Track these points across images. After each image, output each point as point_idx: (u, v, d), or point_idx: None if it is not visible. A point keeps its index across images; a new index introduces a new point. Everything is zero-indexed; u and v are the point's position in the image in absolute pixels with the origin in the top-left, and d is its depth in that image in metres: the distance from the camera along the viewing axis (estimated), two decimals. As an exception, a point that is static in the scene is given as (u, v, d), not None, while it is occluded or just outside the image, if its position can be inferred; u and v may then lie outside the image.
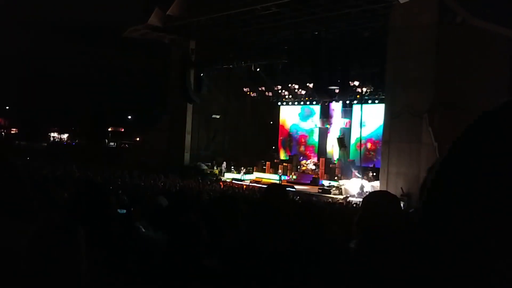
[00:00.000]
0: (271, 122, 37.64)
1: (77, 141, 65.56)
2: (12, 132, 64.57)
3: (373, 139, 29.95)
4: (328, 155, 31.70)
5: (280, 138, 37.26)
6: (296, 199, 17.57)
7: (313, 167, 31.21)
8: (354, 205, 17.96)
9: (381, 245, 2.03)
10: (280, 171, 30.95)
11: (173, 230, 2.77)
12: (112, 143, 65.36)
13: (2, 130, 65.03)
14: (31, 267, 1.63)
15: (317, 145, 34.35)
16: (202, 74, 33.03)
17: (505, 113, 0.61)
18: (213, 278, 2.62)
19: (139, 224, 3.79)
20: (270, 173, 31.51)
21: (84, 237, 1.76)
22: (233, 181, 29.29)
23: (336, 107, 31.71)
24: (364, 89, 29.11)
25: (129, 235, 3.28)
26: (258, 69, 31.04)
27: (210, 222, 4.11)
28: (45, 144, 54.68)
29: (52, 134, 69.76)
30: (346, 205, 18.85)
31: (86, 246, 2.47)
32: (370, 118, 29.40)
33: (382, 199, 2.42)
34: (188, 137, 33.81)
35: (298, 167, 31.81)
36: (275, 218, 2.66)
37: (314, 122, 34.21)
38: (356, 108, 30.43)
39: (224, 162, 32.40)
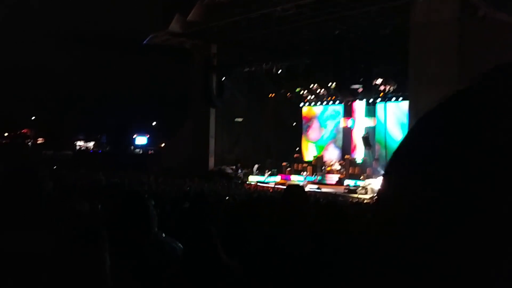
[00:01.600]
0: (294, 124, 37.48)
1: (105, 148, 66.47)
2: (39, 142, 65.77)
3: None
4: (353, 155, 31.46)
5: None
6: (320, 200, 17.46)
7: (338, 167, 30.99)
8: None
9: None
10: (304, 172, 30.81)
11: (189, 239, 2.78)
12: (138, 150, 66.05)
13: (29, 140, 66.32)
14: (55, 273, 1.64)
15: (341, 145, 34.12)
16: (224, 78, 33.14)
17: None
18: (234, 279, 2.62)
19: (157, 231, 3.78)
20: (295, 174, 31.39)
21: (106, 240, 1.76)
22: (258, 184, 29.27)
23: (359, 105, 31.42)
24: (387, 87, 28.80)
25: (149, 241, 3.28)
26: (279, 71, 30.98)
27: (234, 225, 4.10)
28: (71, 153, 55.54)
29: (77, 143, 70.86)
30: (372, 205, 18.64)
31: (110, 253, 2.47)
32: (394, 116, 29.08)
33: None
34: (211, 141, 33.96)
35: (323, 168, 31.61)
36: (295, 219, 2.63)
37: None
38: (380, 106, 30.15)
39: (256, 165, 32.37)
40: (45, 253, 1.68)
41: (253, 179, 31.08)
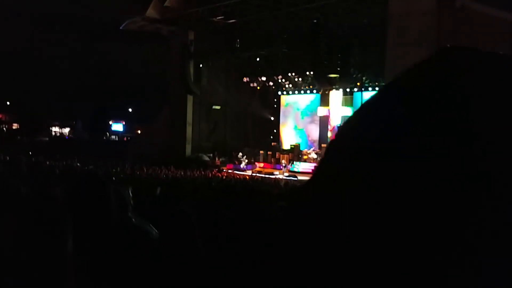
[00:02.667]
0: (272, 112, 37.50)
1: (81, 135, 65.63)
2: (14, 127, 64.61)
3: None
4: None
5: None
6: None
7: (315, 156, 31.18)
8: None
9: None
10: (283, 161, 30.93)
11: (166, 221, 2.78)
12: (114, 136, 65.40)
13: (4, 125, 65.10)
14: (16, 257, 1.63)
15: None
16: (201, 65, 32.93)
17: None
18: (210, 266, 2.63)
19: (131, 215, 3.76)
20: (272, 163, 31.51)
21: (70, 223, 1.75)
22: (235, 172, 29.30)
23: (336, 95, 31.59)
24: (364, 77, 29.03)
25: (122, 225, 3.26)
26: (257, 59, 30.92)
27: (207, 211, 4.11)
28: (47, 139, 54.70)
29: (53, 129, 69.79)
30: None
31: (81, 237, 2.46)
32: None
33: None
34: (189, 129, 33.79)
35: (300, 156, 31.78)
36: (268, 203, 2.65)
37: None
38: (357, 95, 30.36)
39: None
40: (5, 237, 1.67)
41: (230, 167, 31.08)
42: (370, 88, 29.52)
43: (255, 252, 2.57)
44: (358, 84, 29.66)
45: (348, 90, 30.19)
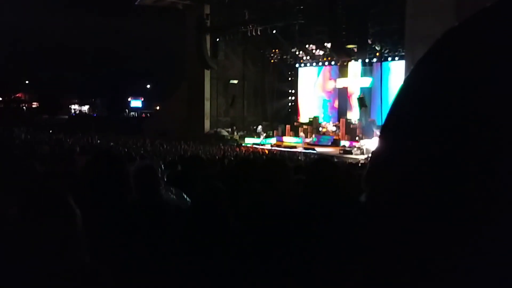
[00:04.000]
0: (290, 85, 37.12)
1: (100, 112, 66.16)
2: (33, 106, 65.35)
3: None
4: (349, 116, 31.43)
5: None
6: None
7: (334, 128, 31.00)
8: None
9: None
10: (301, 133, 30.83)
11: (197, 195, 2.78)
12: (133, 113, 65.82)
13: (23, 104, 65.87)
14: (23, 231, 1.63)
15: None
16: (218, 39, 32.69)
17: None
18: (239, 241, 2.63)
19: (162, 190, 3.77)
20: (290, 136, 31.41)
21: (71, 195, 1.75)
22: (254, 146, 29.32)
23: (355, 66, 31.15)
24: (383, 47, 28.55)
25: (151, 201, 3.26)
26: (274, 31, 30.53)
27: (230, 185, 4.10)
28: (66, 117, 55.30)
29: (72, 107, 70.44)
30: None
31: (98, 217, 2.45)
32: (391, 76, 28.92)
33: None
34: (207, 104, 33.80)
35: (319, 129, 31.63)
36: (286, 178, 2.62)
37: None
38: (376, 66, 29.92)
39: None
40: (12, 214, 1.67)
41: (249, 141, 31.10)
42: (389, 58, 29.03)
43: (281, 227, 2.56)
44: (377, 54, 29.19)
45: (367, 60, 29.71)
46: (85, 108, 72.04)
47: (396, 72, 28.35)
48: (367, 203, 0.57)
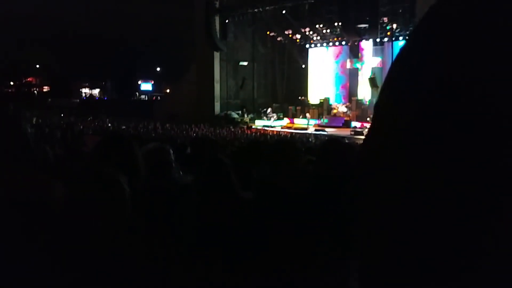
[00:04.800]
0: (303, 66, 36.80)
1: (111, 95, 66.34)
2: (44, 90, 65.65)
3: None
4: (360, 96, 31.18)
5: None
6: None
7: (345, 110, 30.82)
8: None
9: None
10: (308, 114, 30.65)
11: (202, 169, 2.78)
12: (143, 96, 65.91)
13: (34, 88, 66.19)
14: (70, 218, 1.60)
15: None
16: (227, 21, 32.45)
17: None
18: (249, 210, 2.63)
19: (172, 171, 3.75)
20: (301, 118, 31.28)
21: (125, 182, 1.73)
22: (264, 128, 29.27)
23: (366, 46, 30.82)
24: (395, 25, 28.17)
25: (161, 181, 3.25)
26: (284, 12, 30.22)
27: (239, 165, 4.07)
28: (77, 101, 55.52)
29: (83, 90, 70.67)
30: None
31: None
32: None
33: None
34: (217, 86, 33.70)
35: (330, 110, 31.46)
36: (296, 159, 2.59)
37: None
38: (387, 46, 29.56)
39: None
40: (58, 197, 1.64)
41: (259, 123, 31.05)
42: (401, 38, 28.66)
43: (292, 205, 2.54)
44: (389, 34, 28.82)
45: (378, 40, 29.35)
46: (96, 91, 72.24)
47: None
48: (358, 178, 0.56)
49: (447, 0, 0.50)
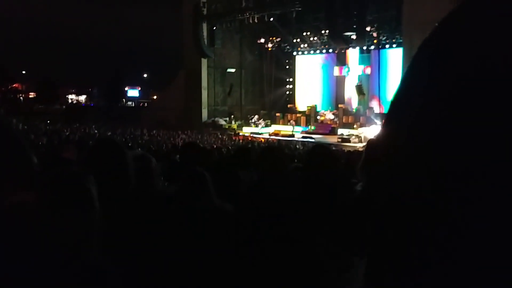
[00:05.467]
0: (288, 73, 36.91)
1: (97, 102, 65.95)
2: (30, 96, 65.13)
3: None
4: (346, 103, 31.34)
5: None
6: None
7: (332, 117, 30.94)
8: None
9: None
10: (292, 121, 30.75)
11: (182, 180, 2.79)
12: (130, 103, 65.64)
13: (20, 95, 65.61)
14: (42, 223, 1.57)
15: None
16: (214, 28, 32.50)
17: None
18: (225, 218, 2.64)
19: (156, 180, 3.73)
20: (288, 125, 31.33)
21: (95, 185, 1.68)
22: (252, 135, 29.28)
23: (352, 53, 31.04)
24: (381, 34, 28.43)
25: (147, 191, 3.23)
26: (271, 19, 30.36)
27: (227, 171, 4.07)
28: (64, 107, 55.12)
29: (69, 97, 70.25)
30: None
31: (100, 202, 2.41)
32: (388, 63, 28.84)
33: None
34: (204, 93, 33.68)
35: (317, 117, 31.57)
36: (284, 164, 2.59)
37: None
38: (374, 54, 29.78)
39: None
40: (31, 204, 1.61)
41: (246, 130, 31.05)
42: (387, 46, 28.92)
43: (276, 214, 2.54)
44: (375, 41, 29.06)
45: (364, 48, 29.60)
46: (82, 98, 71.84)
47: (394, 60, 28.25)
48: (363, 192, 0.58)
49: None
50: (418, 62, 0.50)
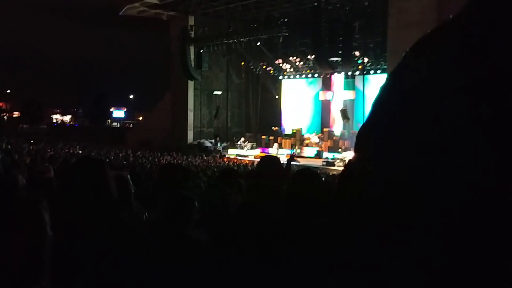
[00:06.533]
0: (276, 97, 37.15)
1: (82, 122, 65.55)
2: (15, 115, 64.55)
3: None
4: (332, 128, 31.55)
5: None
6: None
7: (317, 140, 31.09)
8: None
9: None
10: (276, 144, 30.87)
11: (165, 205, 2.76)
12: (115, 123, 65.34)
13: (4, 114, 65.00)
14: None
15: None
16: (202, 51, 32.74)
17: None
18: (198, 250, 2.63)
19: (133, 203, 3.70)
20: (273, 148, 31.39)
21: (46, 210, 1.64)
22: (237, 157, 29.27)
23: (337, 78, 31.41)
24: (366, 59, 28.86)
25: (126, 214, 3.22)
26: (258, 43, 30.69)
27: (212, 194, 4.07)
28: (47, 127, 54.67)
29: (54, 116, 69.75)
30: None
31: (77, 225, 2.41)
32: (373, 89, 29.20)
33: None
34: (190, 115, 33.73)
35: (303, 141, 31.69)
36: (269, 190, 2.62)
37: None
38: (359, 79, 30.16)
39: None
40: None
41: (232, 152, 31.04)
42: (372, 71, 29.34)
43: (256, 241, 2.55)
44: (360, 67, 29.47)
45: (350, 73, 30.01)
46: (67, 118, 71.38)
47: (378, 85, 28.49)
48: (342, 206, 0.58)
49: None
50: (382, 97, 0.52)
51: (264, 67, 35.52)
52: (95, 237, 2.40)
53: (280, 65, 34.72)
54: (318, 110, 34.31)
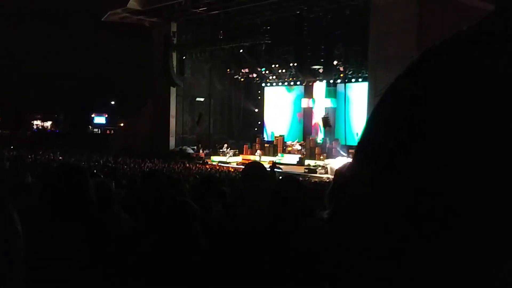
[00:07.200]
0: (256, 110, 37.26)
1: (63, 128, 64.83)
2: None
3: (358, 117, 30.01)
4: (313, 135, 31.73)
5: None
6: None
7: (299, 148, 31.22)
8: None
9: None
10: (258, 151, 30.93)
11: (161, 214, 2.72)
12: (96, 129, 64.78)
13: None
14: None
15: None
16: (184, 57, 32.71)
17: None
18: (208, 259, 2.59)
19: (118, 209, 3.70)
20: (256, 155, 31.42)
21: (17, 224, 1.64)
22: (219, 164, 29.22)
23: (319, 86, 31.64)
24: (348, 68, 29.12)
25: (108, 220, 3.21)
26: (241, 51, 30.79)
27: (195, 201, 4.07)
28: (29, 132, 53.99)
29: (35, 122, 68.88)
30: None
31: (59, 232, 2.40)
32: (354, 97, 29.46)
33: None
34: (172, 121, 33.60)
35: (284, 148, 31.80)
36: (254, 196, 2.64)
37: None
38: (340, 87, 30.40)
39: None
40: None
41: (215, 159, 30.98)
42: (353, 80, 29.60)
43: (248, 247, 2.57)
44: (342, 75, 29.71)
45: (331, 81, 30.26)
46: (48, 124, 70.53)
47: (359, 93, 28.86)
48: (330, 219, 0.59)
49: None
50: (382, 109, 0.54)
51: (247, 74, 35.62)
52: (74, 241, 2.40)
53: (263, 72, 34.85)
54: (300, 117, 34.49)
